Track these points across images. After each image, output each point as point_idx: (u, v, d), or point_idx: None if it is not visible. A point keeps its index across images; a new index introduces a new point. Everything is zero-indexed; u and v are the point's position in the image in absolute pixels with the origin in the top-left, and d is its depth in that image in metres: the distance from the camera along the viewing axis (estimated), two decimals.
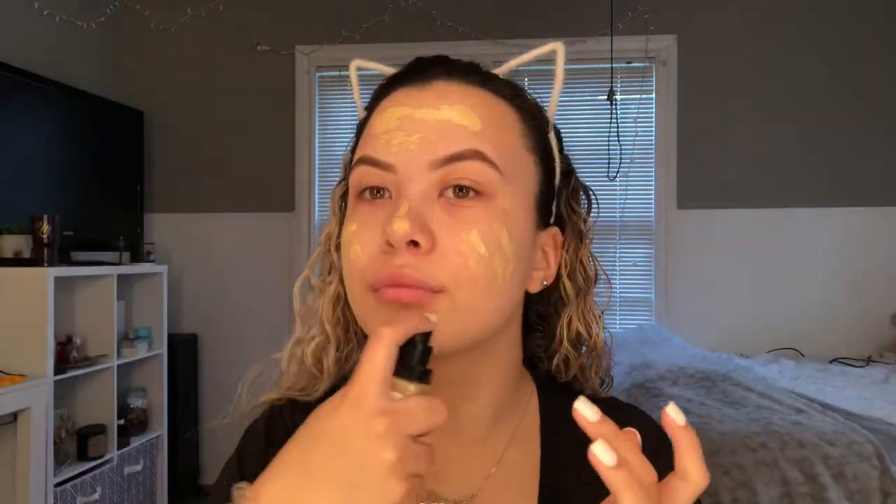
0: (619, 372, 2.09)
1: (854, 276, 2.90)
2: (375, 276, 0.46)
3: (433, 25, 3.05)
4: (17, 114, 2.39)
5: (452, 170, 0.47)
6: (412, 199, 0.46)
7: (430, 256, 0.45)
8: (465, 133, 0.48)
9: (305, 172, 3.14)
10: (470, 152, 0.47)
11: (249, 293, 3.11)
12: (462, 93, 0.50)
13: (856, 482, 1.35)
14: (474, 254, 0.46)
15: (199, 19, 3.16)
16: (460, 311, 0.46)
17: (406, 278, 0.45)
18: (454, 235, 0.46)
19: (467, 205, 0.47)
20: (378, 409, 0.37)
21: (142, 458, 2.57)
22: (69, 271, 2.22)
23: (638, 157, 3.01)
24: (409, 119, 0.48)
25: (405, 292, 0.45)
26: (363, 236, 0.48)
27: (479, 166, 0.47)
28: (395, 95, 0.51)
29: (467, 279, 0.46)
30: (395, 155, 0.48)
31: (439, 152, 0.47)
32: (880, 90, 2.91)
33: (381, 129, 0.50)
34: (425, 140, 0.47)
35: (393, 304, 0.46)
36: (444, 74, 0.51)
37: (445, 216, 0.47)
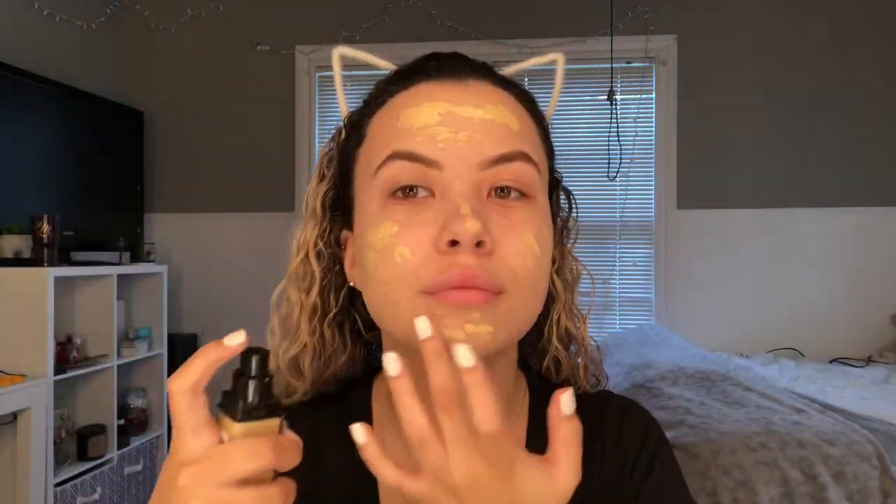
0: (619, 372, 2.09)
1: (854, 276, 2.90)
2: (436, 278, 0.44)
3: (433, 25, 3.05)
4: (17, 114, 2.39)
5: (500, 170, 0.46)
6: (468, 197, 0.45)
7: (491, 258, 0.44)
8: (509, 133, 0.47)
9: (305, 172, 3.14)
10: (517, 154, 0.47)
11: (249, 293, 3.10)
12: (495, 93, 0.49)
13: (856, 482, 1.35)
14: (532, 255, 0.46)
15: (199, 19, 3.16)
16: (514, 311, 0.46)
17: (475, 279, 0.43)
18: (512, 236, 0.45)
19: (514, 205, 0.47)
20: (180, 460, 0.36)
21: (142, 458, 2.57)
22: (69, 271, 2.22)
23: (638, 157, 3.01)
24: (451, 116, 0.47)
25: (472, 294, 0.43)
26: (409, 237, 0.45)
27: (524, 167, 0.47)
28: (424, 89, 0.49)
29: (525, 280, 0.46)
30: (441, 151, 0.46)
31: (489, 152, 0.46)
32: (880, 90, 2.91)
33: (418, 122, 0.47)
34: (473, 139, 0.46)
35: (459, 306, 0.43)
36: (474, 72, 0.50)
37: (498, 217, 0.46)
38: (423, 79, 0.50)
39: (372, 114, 0.52)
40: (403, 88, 0.50)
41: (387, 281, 0.46)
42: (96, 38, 2.98)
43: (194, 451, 0.36)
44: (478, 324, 0.43)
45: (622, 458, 0.54)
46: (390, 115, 0.49)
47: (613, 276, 3.04)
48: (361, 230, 0.49)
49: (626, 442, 0.55)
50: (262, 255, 3.11)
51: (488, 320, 0.44)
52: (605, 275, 3.03)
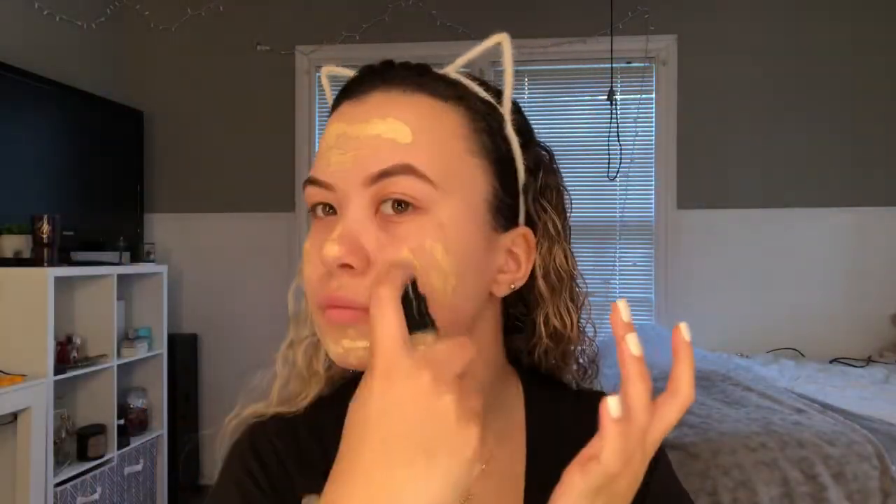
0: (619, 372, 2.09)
1: (854, 276, 2.90)
2: (319, 297, 0.48)
3: (433, 25, 3.05)
4: (17, 114, 2.39)
5: (385, 185, 0.47)
6: (348, 220, 0.47)
7: (364, 276, 0.46)
8: (394, 147, 0.47)
9: (305, 172, 3.13)
10: (399, 167, 0.46)
11: (249, 293, 3.11)
12: (395, 102, 0.49)
13: (856, 482, 1.35)
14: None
15: (199, 19, 3.16)
16: None
17: (340, 300, 0.46)
18: (385, 253, 0.46)
19: (402, 220, 0.47)
20: (415, 365, 0.37)
21: (142, 458, 2.57)
22: (69, 271, 2.22)
23: (638, 157, 3.01)
24: (344, 137, 0.49)
25: (344, 313, 0.46)
26: (311, 257, 0.49)
27: (409, 181, 0.47)
28: (339, 111, 0.51)
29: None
30: (332, 175, 0.48)
31: (370, 168, 0.47)
32: (880, 90, 2.91)
33: (323, 146, 0.50)
34: (358, 157, 0.47)
35: (335, 325, 0.47)
36: (381, 84, 0.50)
37: (381, 233, 0.47)
38: (343, 98, 0.52)
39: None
40: (333, 110, 0.53)
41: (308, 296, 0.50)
42: (96, 38, 2.98)
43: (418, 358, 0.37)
44: (354, 339, 0.46)
45: None
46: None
47: (613, 276, 3.04)
48: None
49: None
50: (262, 255, 3.12)
51: (364, 336, 0.45)
52: (605, 275, 3.03)
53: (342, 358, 0.47)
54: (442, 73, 0.52)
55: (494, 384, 0.57)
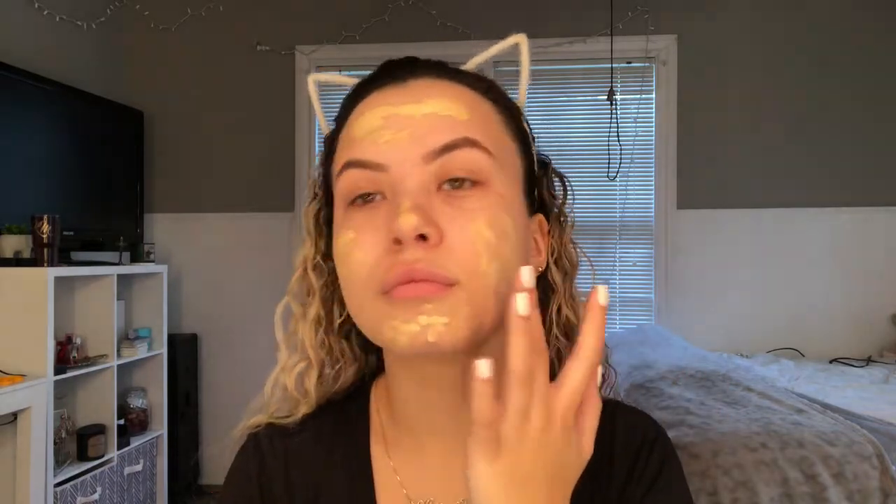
0: (619, 372, 2.09)
1: (854, 276, 2.90)
2: (385, 278, 0.44)
3: (433, 25, 3.05)
4: (17, 114, 2.39)
5: (447, 160, 0.46)
6: (411, 192, 0.45)
7: (440, 249, 0.44)
8: (453, 123, 0.47)
9: (305, 173, 3.14)
10: (462, 140, 0.46)
11: (249, 293, 3.11)
12: (440, 86, 0.49)
13: (856, 482, 1.35)
14: (484, 243, 0.45)
15: (199, 19, 3.16)
16: (474, 303, 0.45)
17: (420, 272, 0.43)
18: (461, 226, 0.45)
19: (466, 194, 0.46)
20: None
21: (142, 458, 2.57)
22: (69, 271, 2.22)
23: (638, 157, 3.01)
24: (394, 117, 0.47)
25: (422, 286, 0.44)
26: (364, 241, 0.46)
27: (473, 154, 0.47)
28: (372, 97, 0.50)
29: (479, 271, 0.44)
30: (384, 153, 0.46)
31: (431, 144, 0.46)
32: (880, 90, 2.91)
33: (363, 130, 0.48)
34: (414, 135, 0.46)
35: (410, 300, 0.44)
36: (418, 73, 0.50)
37: (448, 208, 0.45)
38: (370, 89, 0.51)
39: (339, 130, 0.53)
40: (357, 102, 0.51)
41: (351, 286, 0.47)
42: (96, 38, 2.98)
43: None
44: (431, 315, 0.43)
45: (630, 466, 0.54)
46: (347, 129, 0.51)
47: (613, 276, 3.04)
48: (333, 238, 0.51)
49: (633, 450, 0.55)
50: (262, 255, 3.12)
51: (442, 311, 0.43)
52: (605, 275, 3.03)
53: (418, 337, 0.43)
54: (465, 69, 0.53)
55: None
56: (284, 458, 0.57)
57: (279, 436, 0.58)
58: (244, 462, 0.57)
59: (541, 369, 0.39)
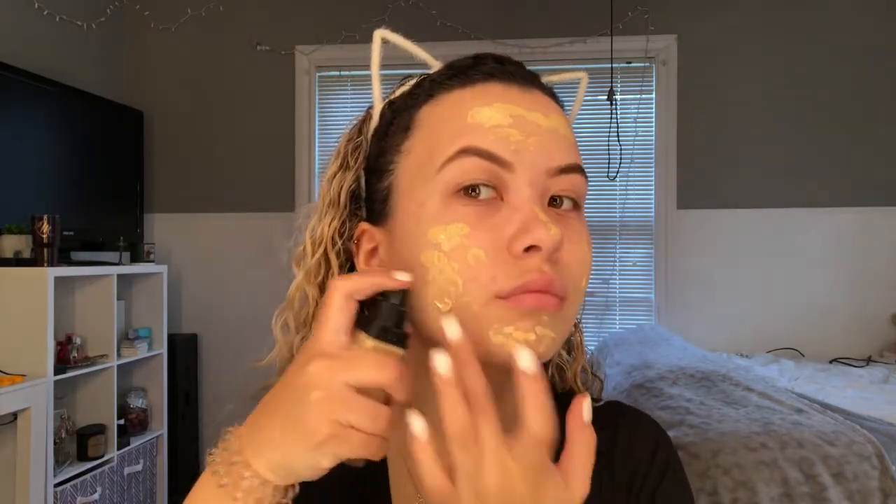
0: (619, 372, 2.09)
1: (854, 276, 2.90)
2: (513, 283, 0.42)
3: (433, 25, 3.05)
4: (17, 114, 2.39)
5: (561, 180, 0.46)
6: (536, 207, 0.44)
7: (559, 265, 0.44)
8: (570, 145, 0.48)
9: (305, 172, 3.14)
10: (576, 166, 0.48)
11: (249, 293, 3.11)
12: (554, 105, 0.50)
13: (856, 482, 1.35)
14: (587, 264, 0.47)
15: (199, 19, 3.16)
16: (569, 319, 0.46)
17: (553, 285, 0.43)
18: (572, 245, 0.45)
19: (569, 215, 0.47)
20: (316, 352, 0.40)
21: (142, 458, 2.57)
22: (69, 271, 2.22)
23: (638, 157, 3.01)
24: (522, 120, 0.46)
25: (545, 298, 0.43)
26: (483, 239, 0.43)
27: (580, 180, 0.48)
28: (493, 90, 0.47)
29: (581, 289, 0.47)
30: (514, 153, 0.45)
31: (556, 161, 0.46)
32: (880, 90, 2.91)
33: (490, 121, 0.45)
34: (542, 145, 0.46)
35: (532, 310, 0.43)
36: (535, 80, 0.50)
37: (562, 226, 0.45)
38: (487, 79, 0.48)
39: (419, 105, 0.49)
40: (462, 85, 0.48)
41: (455, 283, 0.43)
42: (96, 38, 2.98)
43: (330, 346, 0.40)
44: (546, 327, 0.43)
45: (633, 470, 0.54)
46: (454, 110, 0.47)
47: (613, 276, 3.04)
48: (414, 227, 0.46)
49: (637, 454, 0.54)
50: (262, 255, 3.11)
51: (553, 326, 0.44)
52: (605, 275, 3.03)
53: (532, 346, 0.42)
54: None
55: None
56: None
57: None
58: None
59: (486, 425, 0.36)
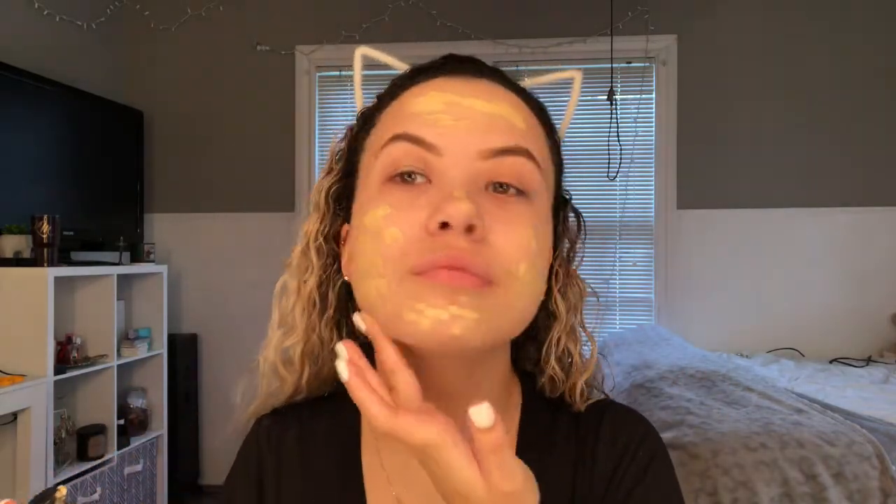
0: (620, 372, 2.09)
1: (854, 276, 2.90)
2: (423, 259, 0.42)
3: (433, 25, 3.05)
4: (17, 114, 2.39)
5: (500, 163, 0.45)
6: (464, 186, 0.44)
7: (482, 246, 0.43)
8: (514, 128, 0.47)
9: (305, 172, 3.14)
10: (519, 148, 0.46)
11: (249, 293, 3.11)
12: (504, 93, 0.49)
13: (856, 482, 1.35)
14: (527, 249, 0.44)
15: (199, 19, 3.16)
16: (505, 306, 0.44)
17: (464, 261, 0.42)
18: (508, 228, 0.44)
19: (512, 200, 0.46)
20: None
21: (142, 458, 2.57)
22: (69, 271, 2.22)
23: (638, 157, 3.01)
24: (456, 105, 0.46)
25: (462, 276, 0.42)
26: (401, 219, 0.44)
27: (526, 164, 0.46)
28: (436, 82, 0.49)
29: (516, 275, 0.44)
30: (441, 136, 0.45)
31: (490, 143, 0.45)
32: (880, 89, 2.91)
33: (423, 108, 0.47)
34: (474, 128, 0.45)
35: (446, 287, 0.42)
36: (486, 74, 0.50)
37: (494, 208, 0.44)
38: (436, 74, 0.50)
39: (383, 107, 0.52)
40: (415, 83, 0.50)
41: (375, 263, 0.44)
42: (96, 38, 2.98)
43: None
44: (464, 307, 0.41)
45: (614, 466, 0.53)
46: (400, 105, 0.49)
47: (613, 276, 3.04)
48: (359, 214, 0.48)
49: (619, 447, 0.53)
50: (262, 255, 3.11)
51: (475, 306, 0.42)
52: (606, 275, 3.03)
53: (442, 327, 0.41)
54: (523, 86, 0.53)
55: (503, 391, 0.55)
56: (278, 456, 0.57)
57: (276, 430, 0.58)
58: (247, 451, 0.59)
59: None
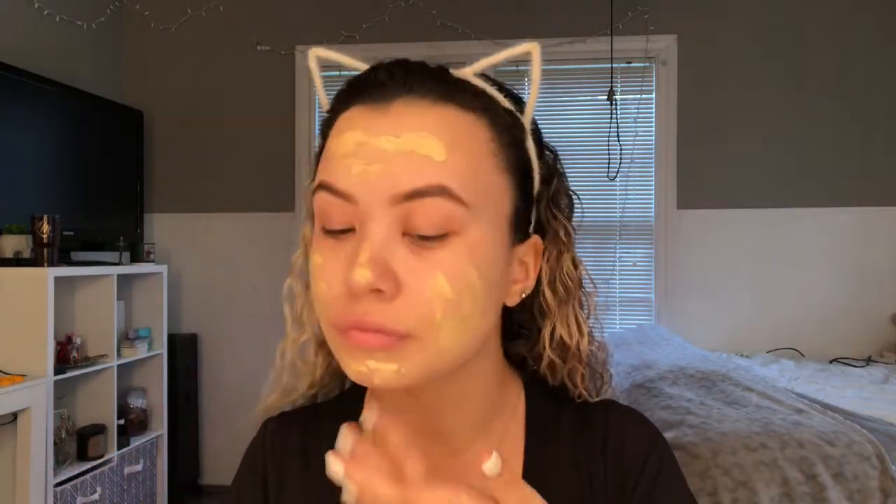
0: (619, 372, 2.09)
1: (854, 276, 2.90)
2: (340, 319, 0.44)
3: (433, 25, 3.05)
4: (17, 114, 2.39)
5: (414, 207, 0.43)
6: (374, 240, 0.43)
7: (395, 301, 0.43)
8: (427, 164, 0.43)
9: (305, 172, 3.14)
10: (434, 188, 0.43)
11: (249, 293, 3.11)
12: (424, 114, 0.45)
13: (856, 482, 1.35)
14: (441, 299, 0.43)
15: (199, 19, 3.16)
16: (427, 352, 0.44)
17: (369, 325, 0.43)
18: (419, 280, 0.43)
19: (432, 245, 0.44)
20: None
21: (142, 458, 2.57)
22: (69, 271, 2.22)
23: (638, 157, 3.01)
24: (365, 146, 0.44)
25: (371, 337, 0.43)
26: (328, 272, 0.45)
27: (442, 203, 0.43)
28: (352, 114, 0.47)
29: (434, 324, 0.43)
30: (354, 185, 0.44)
31: (400, 186, 0.43)
32: (880, 90, 2.91)
33: (338, 151, 0.46)
34: (385, 172, 0.43)
35: (362, 348, 0.44)
36: (403, 90, 0.46)
37: (411, 257, 0.43)
38: (355, 99, 0.47)
39: (330, 125, 0.50)
40: (344, 108, 0.48)
41: (317, 310, 0.48)
42: (96, 38, 2.98)
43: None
44: (381, 361, 0.44)
45: (625, 471, 0.53)
46: (331, 136, 0.48)
47: (613, 276, 3.04)
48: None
49: (629, 454, 0.54)
50: (263, 256, 3.12)
51: (393, 359, 0.44)
52: (606, 275, 3.03)
53: (365, 377, 0.45)
54: (464, 79, 0.48)
55: (494, 393, 0.55)
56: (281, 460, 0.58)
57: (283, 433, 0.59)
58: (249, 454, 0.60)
59: None
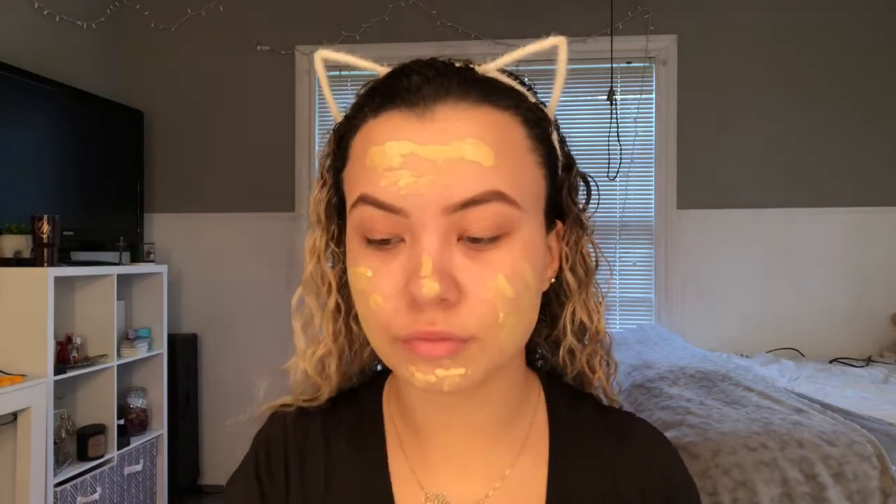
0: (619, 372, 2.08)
1: (854, 276, 2.90)
2: (403, 331, 0.45)
3: (433, 25, 3.05)
4: (17, 114, 2.39)
5: (466, 216, 0.44)
6: (433, 250, 0.43)
7: (459, 307, 0.44)
8: (478, 171, 0.44)
9: (305, 172, 3.14)
10: (488, 194, 0.44)
11: (249, 293, 3.11)
12: (467, 118, 0.45)
13: (856, 482, 1.35)
14: (503, 300, 0.44)
15: (199, 19, 3.16)
16: (489, 352, 0.46)
17: (439, 335, 0.44)
18: (480, 283, 0.44)
19: (488, 247, 0.45)
20: None
21: (142, 458, 2.57)
22: (69, 271, 2.22)
23: (638, 157, 3.01)
24: (414, 157, 0.43)
25: (439, 346, 0.44)
26: (382, 285, 0.45)
27: (497, 208, 0.44)
28: (389, 122, 0.45)
29: (496, 324, 0.45)
30: (404, 198, 0.43)
31: (454, 197, 0.43)
32: (880, 90, 2.91)
33: (381, 163, 0.44)
34: (436, 183, 0.43)
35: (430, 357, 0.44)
36: (441, 93, 0.45)
37: (468, 262, 0.44)
38: (389, 104, 0.46)
39: (354, 131, 0.49)
40: (374, 114, 0.47)
41: (368, 324, 0.48)
42: (96, 38, 2.98)
43: None
44: (448, 368, 0.45)
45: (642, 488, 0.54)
46: (362, 147, 0.47)
47: (613, 276, 3.04)
48: (349, 260, 0.49)
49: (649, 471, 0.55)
50: (262, 255, 3.12)
51: (459, 363, 0.45)
52: (605, 275, 3.03)
53: (434, 386, 0.45)
54: (494, 77, 0.49)
55: (520, 387, 0.56)
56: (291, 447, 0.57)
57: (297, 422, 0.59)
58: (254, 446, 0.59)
59: None
